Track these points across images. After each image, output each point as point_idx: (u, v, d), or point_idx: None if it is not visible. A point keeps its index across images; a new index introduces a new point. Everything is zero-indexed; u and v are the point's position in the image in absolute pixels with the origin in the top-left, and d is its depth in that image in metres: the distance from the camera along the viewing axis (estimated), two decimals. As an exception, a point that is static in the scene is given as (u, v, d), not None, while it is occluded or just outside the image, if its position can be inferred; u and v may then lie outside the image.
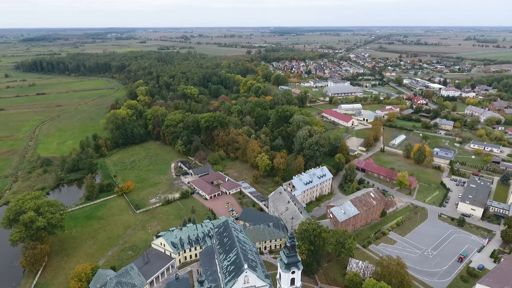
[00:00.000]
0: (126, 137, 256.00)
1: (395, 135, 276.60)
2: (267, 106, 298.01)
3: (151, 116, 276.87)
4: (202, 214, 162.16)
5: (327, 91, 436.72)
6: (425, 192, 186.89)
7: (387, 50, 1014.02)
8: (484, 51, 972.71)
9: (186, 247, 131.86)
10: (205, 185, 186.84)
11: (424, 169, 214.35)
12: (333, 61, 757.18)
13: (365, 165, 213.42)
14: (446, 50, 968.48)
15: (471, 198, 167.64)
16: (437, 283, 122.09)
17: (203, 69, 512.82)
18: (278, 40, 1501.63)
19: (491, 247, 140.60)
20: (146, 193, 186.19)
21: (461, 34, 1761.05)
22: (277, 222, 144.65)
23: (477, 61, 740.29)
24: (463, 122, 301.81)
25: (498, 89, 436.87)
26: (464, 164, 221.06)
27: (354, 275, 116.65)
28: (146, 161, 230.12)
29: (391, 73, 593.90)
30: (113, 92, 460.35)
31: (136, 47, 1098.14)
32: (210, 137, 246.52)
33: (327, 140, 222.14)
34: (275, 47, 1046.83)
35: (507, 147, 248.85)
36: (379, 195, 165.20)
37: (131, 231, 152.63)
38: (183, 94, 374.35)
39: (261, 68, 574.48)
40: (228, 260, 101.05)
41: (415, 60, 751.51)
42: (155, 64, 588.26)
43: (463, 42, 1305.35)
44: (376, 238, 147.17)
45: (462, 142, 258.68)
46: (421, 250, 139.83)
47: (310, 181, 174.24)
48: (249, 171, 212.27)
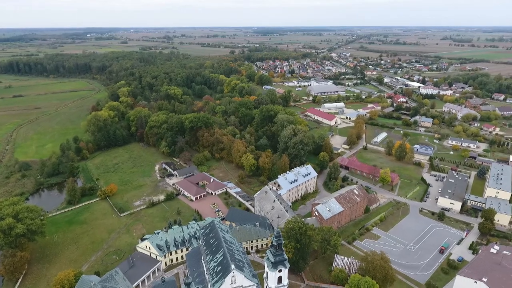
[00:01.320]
0: (108, 139, 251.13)
1: (377, 132, 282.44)
2: (252, 106, 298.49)
3: (134, 118, 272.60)
4: (188, 216, 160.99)
5: (310, 90, 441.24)
6: (407, 188, 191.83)
7: (368, 49, 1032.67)
8: (460, 50, 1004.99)
9: (172, 249, 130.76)
10: (190, 186, 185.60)
11: (405, 165, 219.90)
12: (316, 61, 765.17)
13: (349, 162, 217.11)
14: (424, 50, 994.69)
15: (450, 192, 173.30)
16: (419, 275, 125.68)
17: (186, 69, 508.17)
18: (261, 40, 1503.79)
19: (469, 240, 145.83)
20: (130, 196, 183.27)
21: (438, 34, 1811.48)
22: (263, 221, 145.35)
23: (453, 60, 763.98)
24: (442, 119, 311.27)
25: (473, 87, 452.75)
26: (443, 160, 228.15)
27: (339, 271, 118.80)
28: (129, 163, 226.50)
29: (372, 72, 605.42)
30: (94, 94, 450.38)
31: (117, 47, 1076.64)
32: (194, 137, 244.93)
33: (311, 139, 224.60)
34: (259, 47, 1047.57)
35: (482, 143, 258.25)
36: (362, 192, 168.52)
37: (115, 235, 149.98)
38: (167, 94, 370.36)
39: (244, 68, 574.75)
40: (215, 261, 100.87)
41: (395, 60, 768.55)
42: (137, 65, 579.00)
43: (440, 41, 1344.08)
44: (361, 234, 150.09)
45: (440, 139, 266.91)
46: (404, 245, 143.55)
47: (295, 180, 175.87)
48: (234, 171, 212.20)
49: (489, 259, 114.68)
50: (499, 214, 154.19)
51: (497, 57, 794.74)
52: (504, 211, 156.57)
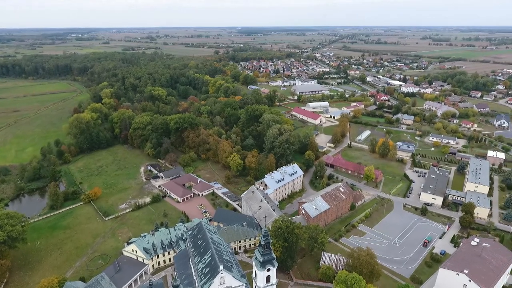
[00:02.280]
0: (91, 142, 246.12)
1: (360, 130, 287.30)
2: (237, 106, 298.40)
3: (118, 119, 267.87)
4: (175, 218, 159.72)
5: (295, 90, 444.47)
6: (390, 184, 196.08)
7: (351, 49, 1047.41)
8: (439, 49, 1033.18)
9: (159, 252, 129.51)
10: (176, 187, 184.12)
11: (388, 162, 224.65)
12: (300, 60, 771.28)
13: (334, 160, 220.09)
14: (404, 49, 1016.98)
15: (431, 188, 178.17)
16: (404, 270, 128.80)
17: (170, 70, 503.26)
18: (245, 40, 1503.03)
19: (451, 233, 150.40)
20: (115, 199, 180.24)
21: (418, 34, 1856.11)
22: (251, 221, 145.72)
23: (432, 58, 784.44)
24: (422, 116, 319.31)
25: (452, 85, 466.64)
26: (425, 156, 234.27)
27: (327, 268, 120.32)
28: (113, 166, 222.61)
29: (355, 71, 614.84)
30: (76, 95, 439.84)
31: (99, 48, 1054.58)
32: (180, 138, 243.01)
33: (297, 138, 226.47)
34: (243, 47, 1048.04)
35: (461, 139, 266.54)
36: (348, 189, 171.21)
37: (100, 239, 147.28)
38: (151, 95, 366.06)
39: (229, 68, 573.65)
40: (203, 262, 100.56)
41: (376, 59, 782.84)
42: (120, 66, 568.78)
43: (419, 41, 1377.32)
44: (347, 231, 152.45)
45: (422, 136, 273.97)
46: (389, 240, 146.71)
47: (282, 179, 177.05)
48: (221, 171, 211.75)
49: (470, 251, 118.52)
50: (478, 208, 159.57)
51: (474, 56, 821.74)
52: (483, 204, 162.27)
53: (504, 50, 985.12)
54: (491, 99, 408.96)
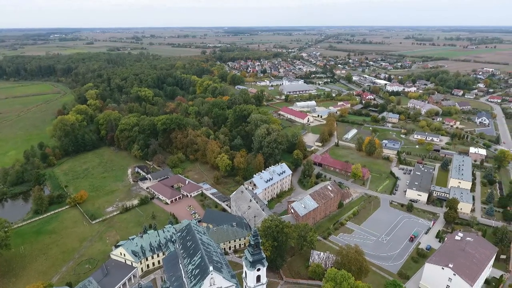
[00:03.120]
0: (76, 144, 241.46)
1: (347, 129, 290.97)
2: (225, 106, 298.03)
3: (104, 121, 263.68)
4: (164, 219, 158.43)
5: (282, 89, 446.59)
6: (377, 181, 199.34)
7: (337, 49, 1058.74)
8: (422, 49, 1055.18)
9: (148, 254, 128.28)
10: (165, 189, 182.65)
11: (375, 160, 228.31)
12: (287, 60, 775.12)
13: (322, 159, 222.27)
14: (389, 48, 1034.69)
15: (417, 184, 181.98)
16: (391, 266, 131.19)
17: (157, 70, 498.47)
18: (232, 40, 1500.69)
19: (436, 228, 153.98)
20: (102, 202, 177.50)
21: (402, 34, 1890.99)
22: (240, 221, 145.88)
23: (416, 58, 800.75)
24: (407, 114, 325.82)
25: (435, 84, 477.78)
26: (410, 154, 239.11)
27: (316, 266, 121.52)
28: (100, 169, 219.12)
29: (341, 71, 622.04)
30: (60, 97, 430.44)
31: (83, 48, 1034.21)
32: (168, 139, 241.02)
33: (285, 137, 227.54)
34: (230, 47, 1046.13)
35: (445, 136, 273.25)
36: (336, 187, 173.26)
37: (87, 243, 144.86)
38: (137, 96, 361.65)
39: (216, 68, 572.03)
40: (192, 263, 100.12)
41: (362, 58, 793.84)
42: (105, 66, 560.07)
43: (403, 40, 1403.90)
44: (335, 229, 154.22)
45: (407, 134, 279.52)
46: (376, 237, 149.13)
47: (271, 179, 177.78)
48: (209, 172, 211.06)
49: (454, 246, 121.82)
50: (462, 203, 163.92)
51: (455, 55, 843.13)
52: (466, 200, 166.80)
53: (483, 49, 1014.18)
54: (472, 97, 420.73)
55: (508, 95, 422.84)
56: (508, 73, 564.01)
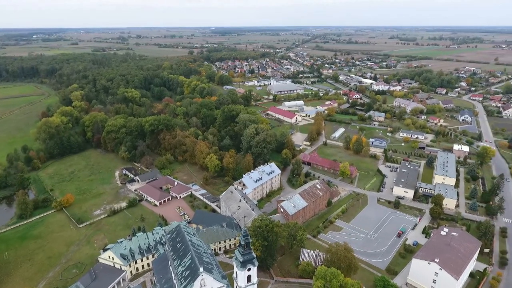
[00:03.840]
0: (62, 147, 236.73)
1: (335, 128, 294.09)
2: (213, 106, 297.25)
3: (90, 123, 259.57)
4: (153, 222, 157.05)
5: (270, 89, 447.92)
6: (365, 179, 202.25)
7: (323, 48, 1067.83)
8: (406, 48, 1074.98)
9: (137, 257, 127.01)
10: (153, 191, 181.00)
11: (362, 158, 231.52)
12: (274, 60, 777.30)
13: (310, 158, 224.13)
14: (374, 48, 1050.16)
15: (403, 181, 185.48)
16: (380, 262, 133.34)
17: (143, 71, 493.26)
18: (220, 40, 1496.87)
19: (422, 224, 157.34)
20: (89, 205, 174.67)
21: (386, 33, 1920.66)
22: (230, 221, 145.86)
23: (401, 57, 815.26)
24: (393, 113, 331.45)
25: (419, 83, 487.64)
26: (396, 152, 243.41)
27: (306, 265, 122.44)
28: (87, 171, 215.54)
29: (328, 71, 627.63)
30: (44, 99, 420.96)
31: (67, 49, 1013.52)
32: (156, 141, 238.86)
33: (274, 137, 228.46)
34: (217, 47, 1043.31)
35: (429, 134, 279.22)
36: (324, 186, 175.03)
37: (74, 247, 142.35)
38: (124, 97, 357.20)
39: (204, 69, 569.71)
40: (182, 265, 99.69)
41: (348, 58, 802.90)
42: (91, 67, 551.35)
43: (388, 40, 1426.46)
44: (325, 227, 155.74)
45: (393, 132, 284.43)
46: (365, 234, 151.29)
47: (260, 178, 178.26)
48: (198, 173, 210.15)
49: (440, 241, 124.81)
50: (447, 199, 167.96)
51: (439, 54, 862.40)
52: (451, 196, 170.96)
53: (465, 48, 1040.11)
54: (455, 95, 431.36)
55: (489, 93, 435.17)
56: (488, 72, 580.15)
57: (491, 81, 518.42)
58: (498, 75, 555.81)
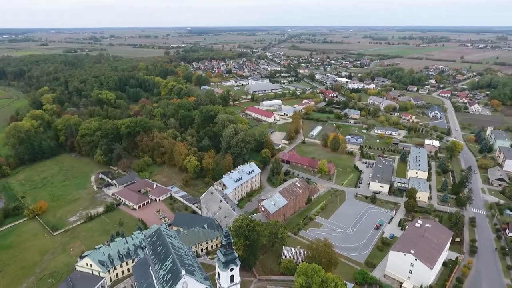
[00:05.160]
0: (33, 152, 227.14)
1: (313, 126, 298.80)
2: (191, 107, 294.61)
3: (62, 126, 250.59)
4: (132, 226, 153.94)
5: (248, 89, 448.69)
6: (342, 176, 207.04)
7: (299, 48, 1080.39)
8: (379, 47, 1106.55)
9: (117, 263, 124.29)
10: (131, 194, 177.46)
11: (339, 155, 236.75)
12: (251, 60, 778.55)
13: (289, 157, 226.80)
14: (348, 48, 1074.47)
15: (379, 177, 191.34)
16: (359, 256, 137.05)
17: (118, 72, 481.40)
18: (196, 40, 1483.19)
19: (398, 217, 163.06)
20: (64, 212, 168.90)
21: (359, 33, 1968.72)
22: (211, 222, 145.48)
23: (373, 56, 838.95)
24: (367, 111, 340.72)
25: (392, 80, 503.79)
26: (371, 148, 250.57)
27: (288, 262, 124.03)
28: (60, 177, 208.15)
29: (305, 70, 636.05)
30: (12, 102, 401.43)
31: (36, 50, 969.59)
32: (133, 143, 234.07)
33: (253, 136, 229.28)
34: (194, 47, 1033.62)
35: (402, 130, 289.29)
36: (304, 183, 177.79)
37: (49, 256, 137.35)
38: (98, 100, 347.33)
39: (181, 69, 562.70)
40: (164, 269, 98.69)
41: (323, 57, 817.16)
42: (62, 69, 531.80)
43: (361, 40, 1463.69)
44: (305, 224, 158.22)
45: (368, 129, 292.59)
46: (343, 229, 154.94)
47: (240, 178, 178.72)
48: (178, 174, 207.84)
49: (415, 233, 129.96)
50: (420, 192, 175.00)
51: (409, 53, 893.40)
52: (423, 189, 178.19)
53: (433, 47, 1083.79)
54: (426, 92, 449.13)
55: (456, 90, 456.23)
56: (455, 70, 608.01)
57: (458, 78, 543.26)
58: (464, 72, 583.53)
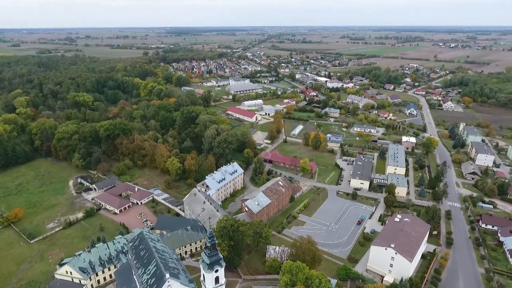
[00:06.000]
0: (6, 158, 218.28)
1: (294, 126, 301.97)
2: (172, 108, 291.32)
3: (37, 130, 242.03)
4: (113, 231, 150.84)
5: (229, 89, 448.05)
6: (324, 174, 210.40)
7: (279, 48, 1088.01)
8: (356, 47, 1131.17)
9: (98, 269, 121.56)
10: (112, 198, 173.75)
11: (321, 153, 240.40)
12: (232, 60, 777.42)
13: (272, 156, 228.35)
14: (327, 47, 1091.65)
15: (359, 174, 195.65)
16: (341, 251, 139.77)
17: (96, 73, 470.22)
18: (175, 40, 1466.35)
19: (378, 213, 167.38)
20: (41, 218, 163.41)
21: (337, 33, 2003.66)
22: (195, 224, 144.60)
23: (351, 56, 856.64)
24: (347, 109, 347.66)
25: (369, 79, 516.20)
26: (351, 146, 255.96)
27: (273, 261, 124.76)
28: (36, 182, 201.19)
29: (285, 70, 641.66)
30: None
31: (7, 51, 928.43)
32: (112, 146, 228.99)
33: (235, 136, 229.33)
34: (174, 47, 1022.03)
35: (380, 127, 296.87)
36: (286, 182, 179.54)
37: (26, 265, 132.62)
38: (75, 102, 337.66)
39: (161, 70, 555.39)
40: (147, 273, 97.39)
41: (303, 57, 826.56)
42: (36, 70, 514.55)
43: (339, 39, 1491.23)
44: (288, 222, 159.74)
45: (347, 127, 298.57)
46: (326, 226, 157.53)
47: (223, 179, 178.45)
48: (160, 177, 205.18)
49: (394, 227, 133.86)
50: (398, 188, 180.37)
51: (385, 52, 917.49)
52: (402, 184, 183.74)
53: (408, 47, 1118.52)
54: (402, 90, 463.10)
55: (430, 87, 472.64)
56: (429, 68, 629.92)
57: (432, 76, 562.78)
58: (437, 71, 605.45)
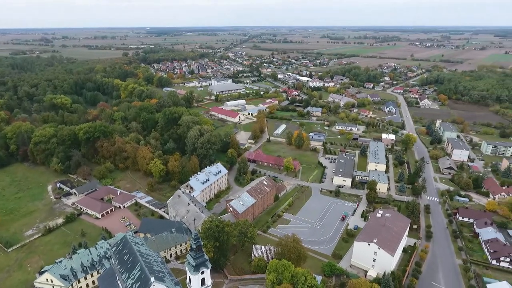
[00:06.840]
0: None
1: (277, 125, 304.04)
2: (153, 109, 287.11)
3: (13, 134, 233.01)
4: (95, 236, 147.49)
5: (212, 89, 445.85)
6: (307, 172, 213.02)
7: (261, 48, 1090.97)
8: (336, 47, 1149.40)
9: (81, 275, 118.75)
10: (93, 203, 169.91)
11: (304, 152, 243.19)
12: (214, 60, 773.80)
13: (255, 156, 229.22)
14: (308, 47, 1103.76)
15: (341, 171, 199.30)
16: (326, 249, 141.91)
17: (73, 75, 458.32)
18: (156, 40, 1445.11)
19: (360, 209, 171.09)
20: (18, 226, 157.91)
21: (318, 33, 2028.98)
22: (180, 226, 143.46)
23: (332, 55, 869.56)
24: (328, 108, 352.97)
25: (350, 78, 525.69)
26: (333, 144, 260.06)
27: (259, 260, 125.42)
28: (13, 188, 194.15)
29: (267, 69, 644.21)
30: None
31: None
32: (92, 149, 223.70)
33: (218, 137, 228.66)
34: (154, 48, 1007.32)
35: (361, 125, 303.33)
36: (271, 182, 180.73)
37: (4, 274, 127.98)
38: (52, 104, 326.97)
39: (141, 71, 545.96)
40: (132, 277, 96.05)
41: (285, 57, 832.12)
42: (10, 72, 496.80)
43: (320, 39, 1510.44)
44: (273, 221, 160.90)
45: (329, 125, 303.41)
46: (311, 224, 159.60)
47: (207, 180, 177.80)
48: (142, 179, 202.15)
49: (376, 223, 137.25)
50: (379, 184, 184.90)
51: (364, 52, 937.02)
52: (383, 180, 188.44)
53: (386, 46, 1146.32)
54: (381, 89, 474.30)
55: (408, 86, 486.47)
56: (406, 67, 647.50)
57: (409, 75, 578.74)
58: (414, 69, 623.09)
